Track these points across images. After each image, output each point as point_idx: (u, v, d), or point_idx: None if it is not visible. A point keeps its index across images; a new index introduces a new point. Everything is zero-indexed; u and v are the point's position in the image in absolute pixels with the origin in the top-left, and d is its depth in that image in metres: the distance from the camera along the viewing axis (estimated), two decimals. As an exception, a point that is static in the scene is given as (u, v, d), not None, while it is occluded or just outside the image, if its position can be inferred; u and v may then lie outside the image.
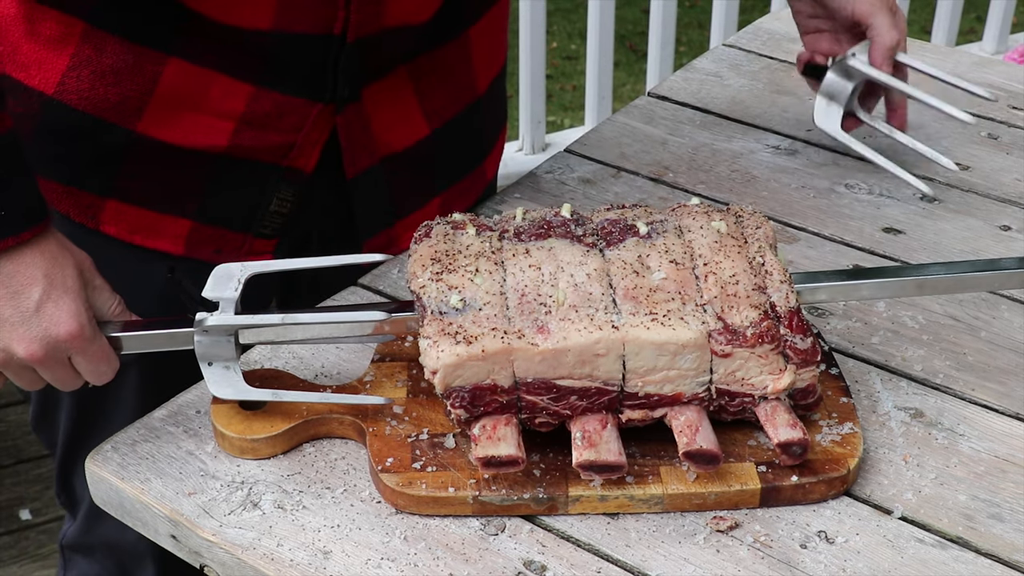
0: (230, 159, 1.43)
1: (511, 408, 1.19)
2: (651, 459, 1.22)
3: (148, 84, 1.37)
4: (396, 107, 1.50)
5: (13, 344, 1.18)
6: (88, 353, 1.21)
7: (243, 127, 1.41)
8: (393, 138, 1.52)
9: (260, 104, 1.40)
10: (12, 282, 1.16)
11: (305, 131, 1.44)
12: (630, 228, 1.25)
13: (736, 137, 1.83)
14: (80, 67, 1.36)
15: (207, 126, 1.40)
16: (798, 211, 1.66)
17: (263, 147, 1.43)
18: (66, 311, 1.18)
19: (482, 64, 1.59)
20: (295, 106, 1.42)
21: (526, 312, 1.18)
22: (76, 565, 1.76)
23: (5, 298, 1.16)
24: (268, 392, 1.24)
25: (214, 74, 1.38)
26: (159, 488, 1.22)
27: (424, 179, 1.59)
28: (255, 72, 1.39)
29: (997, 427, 1.30)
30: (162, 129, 1.39)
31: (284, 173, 1.46)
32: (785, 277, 1.22)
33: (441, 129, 1.56)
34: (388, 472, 1.20)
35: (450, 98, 1.56)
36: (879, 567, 1.15)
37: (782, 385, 1.19)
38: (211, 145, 1.41)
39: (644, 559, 1.15)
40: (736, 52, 2.07)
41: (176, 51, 1.36)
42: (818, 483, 1.20)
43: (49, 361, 1.19)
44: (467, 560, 1.15)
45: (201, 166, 1.43)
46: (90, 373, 1.23)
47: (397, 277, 1.52)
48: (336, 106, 1.44)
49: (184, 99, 1.38)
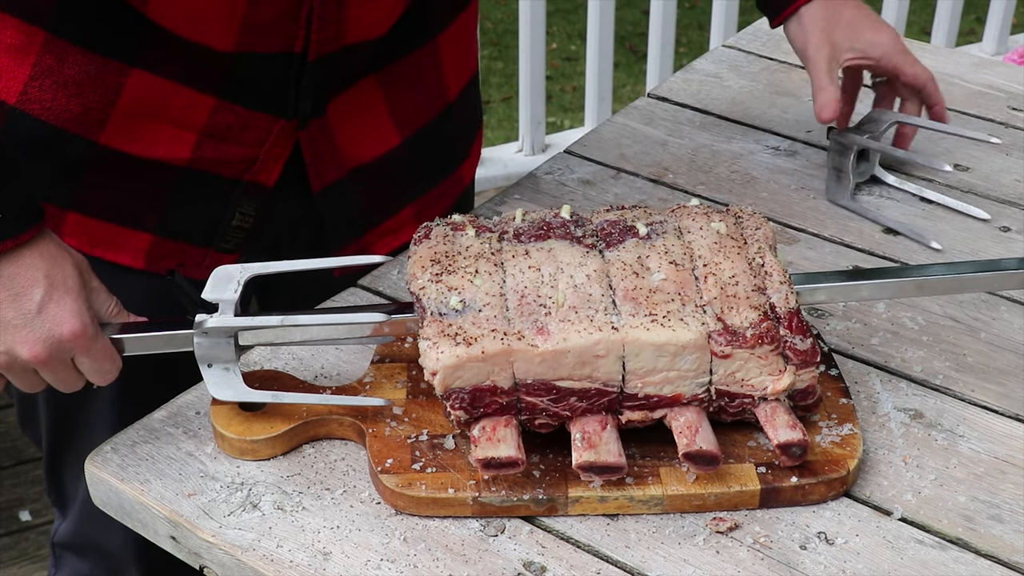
0: (192, 172, 1.42)
1: (511, 409, 1.19)
2: (651, 460, 1.22)
3: (111, 95, 1.36)
4: (365, 119, 1.49)
5: (16, 346, 1.17)
6: (91, 353, 1.20)
7: (205, 139, 1.40)
8: (362, 150, 1.51)
9: (222, 117, 1.40)
10: (13, 284, 1.16)
11: (267, 146, 1.43)
12: (630, 229, 1.24)
13: (736, 138, 1.83)
14: (42, 76, 1.35)
15: (170, 137, 1.39)
16: (798, 212, 1.66)
17: (225, 160, 1.42)
18: (68, 311, 1.18)
19: (452, 70, 1.58)
20: (257, 121, 1.41)
21: (526, 313, 1.18)
22: (67, 563, 1.76)
23: (7, 301, 1.16)
24: (268, 393, 1.24)
25: (177, 86, 1.37)
26: (159, 489, 1.22)
27: (395, 188, 1.58)
28: (217, 85, 1.38)
29: (997, 428, 1.30)
30: (125, 141, 1.39)
31: (246, 188, 1.45)
32: (785, 278, 1.22)
33: (412, 138, 1.55)
34: (388, 473, 1.20)
35: (421, 106, 1.55)
36: (879, 568, 1.15)
37: (782, 386, 1.19)
38: (173, 157, 1.41)
39: (644, 560, 1.15)
40: (736, 53, 2.07)
41: (139, 62, 1.35)
42: (818, 484, 1.20)
43: (52, 362, 1.19)
44: (467, 561, 1.15)
45: (163, 179, 1.42)
46: (94, 373, 1.22)
47: (397, 278, 1.52)
48: (299, 122, 1.43)
49: (147, 110, 1.37)
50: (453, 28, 1.55)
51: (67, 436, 1.59)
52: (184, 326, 1.23)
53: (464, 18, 1.57)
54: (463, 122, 1.66)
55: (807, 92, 1.93)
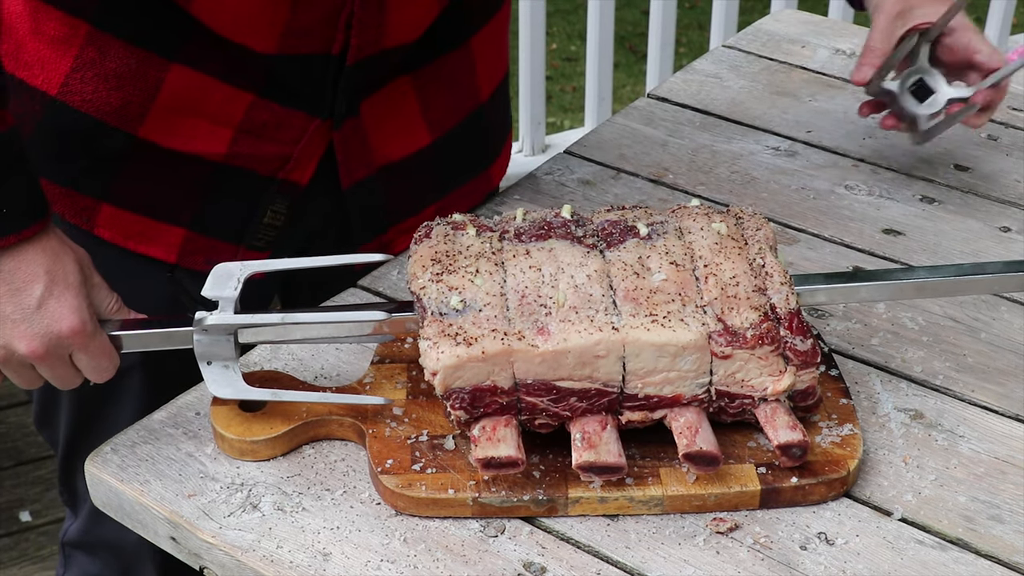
0: (227, 168, 1.43)
1: (511, 409, 1.18)
2: (651, 461, 1.22)
3: (151, 89, 1.37)
4: (397, 118, 1.50)
5: (14, 341, 1.17)
6: (89, 349, 1.20)
7: (242, 135, 1.41)
8: (392, 149, 1.52)
9: (259, 114, 1.41)
10: (14, 279, 1.16)
11: (302, 145, 1.44)
12: (630, 229, 1.24)
13: (736, 138, 1.83)
14: (84, 69, 1.36)
15: (207, 132, 1.40)
16: (798, 212, 1.66)
17: (260, 157, 1.43)
18: (68, 307, 1.18)
19: (485, 71, 1.59)
20: (293, 119, 1.43)
21: (526, 313, 1.18)
22: (77, 563, 1.76)
23: (6, 295, 1.16)
24: (267, 392, 1.24)
25: (216, 82, 1.38)
26: (159, 490, 1.21)
27: (422, 186, 1.59)
28: (255, 83, 1.39)
29: (997, 428, 1.30)
30: (163, 134, 1.40)
31: (279, 186, 1.46)
32: (785, 279, 1.22)
33: (443, 138, 1.56)
34: (388, 474, 1.19)
35: (453, 106, 1.56)
36: (879, 569, 1.15)
37: (782, 387, 1.19)
38: (210, 152, 1.42)
39: (644, 561, 1.15)
40: (736, 53, 2.07)
41: (180, 58, 1.36)
42: (818, 484, 1.20)
43: (50, 358, 1.19)
44: (467, 562, 1.15)
45: (198, 174, 1.43)
46: (91, 370, 1.23)
47: (397, 278, 1.51)
48: (334, 122, 1.44)
49: (185, 105, 1.38)
50: (486, 30, 1.56)
51: (87, 434, 1.60)
52: (184, 323, 1.23)
53: (497, 20, 1.58)
54: (494, 123, 1.67)
55: (807, 92, 1.94)
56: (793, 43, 2.08)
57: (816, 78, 1.98)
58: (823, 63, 2.02)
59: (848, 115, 1.88)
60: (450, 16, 1.47)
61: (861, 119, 1.86)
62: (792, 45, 2.08)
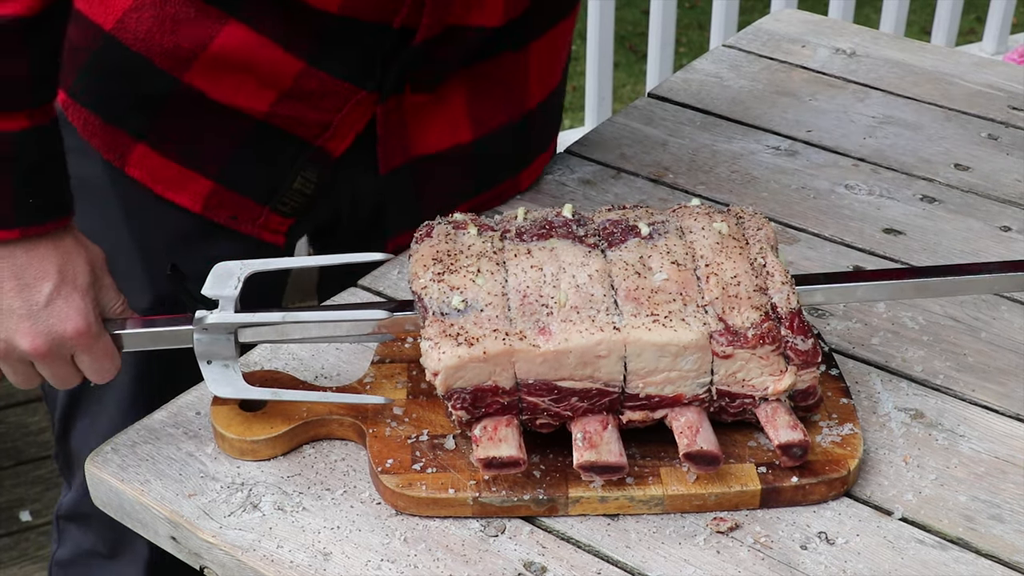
0: (265, 126, 1.44)
1: (512, 409, 1.18)
2: (651, 460, 1.22)
3: (204, 39, 1.38)
4: (442, 106, 1.51)
5: (17, 336, 1.17)
6: (93, 351, 1.20)
7: (285, 98, 1.43)
8: (431, 138, 1.52)
9: (307, 81, 1.42)
10: (24, 274, 1.16)
11: (344, 113, 1.45)
12: (632, 229, 1.24)
13: (736, 138, 1.83)
14: (142, 9, 1.38)
15: (252, 89, 1.42)
16: (798, 212, 1.66)
17: (300, 121, 1.44)
18: (75, 308, 1.17)
19: (539, 78, 1.59)
20: (340, 89, 1.43)
21: (527, 313, 1.18)
22: (70, 537, 1.76)
23: (15, 290, 1.15)
24: (267, 391, 1.24)
25: (270, 43, 1.39)
26: (159, 490, 1.21)
27: (457, 184, 1.59)
28: (309, 49, 1.40)
29: (997, 428, 1.30)
30: (207, 83, 1.41)
31: (313, 153, 1.47)
32: (786, 278, 1.22)
33: (484, 138, 1.56)
34: (388, 473, 1.19)
35: (500, 108, 1.57)
36: (879, 568, 1.15)
37: (783, 386, 1.19)
38: (251, 108, 1.43)
39: (644, 560, 1.15)
40: (736, 53, 2.07)
41: (238, 14, 1.37)
42: (818, 484, 1.20)
43: (51, 357, 1.19)
44: (467, 561, 1.15)
45: (236, 128, 1.44)
46: (93, 371, 1.22)
47: (397, 278, 1.51)
48: (380, 95, 1.44)
49: (235, 61, 1.40)
50: (546, 38, 1.56)
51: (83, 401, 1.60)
52: (184, 322, 1.23)
53: (560, 29, 1.58)
54: (539, 129, 1.67)
55: (807, 92, 1.94)
56: (793, 43, 2.08)
57: (816, 77, 1.99)
58: (823, 62, 2.02)
59: (848, 114, 1.88)
60: (522, 15, 1.48)
61: (861, 119, 1.86)
62: (792, 45, 2.08)
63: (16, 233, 1.14)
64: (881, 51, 2.06)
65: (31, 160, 1.14)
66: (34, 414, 3.02)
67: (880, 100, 1.92)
